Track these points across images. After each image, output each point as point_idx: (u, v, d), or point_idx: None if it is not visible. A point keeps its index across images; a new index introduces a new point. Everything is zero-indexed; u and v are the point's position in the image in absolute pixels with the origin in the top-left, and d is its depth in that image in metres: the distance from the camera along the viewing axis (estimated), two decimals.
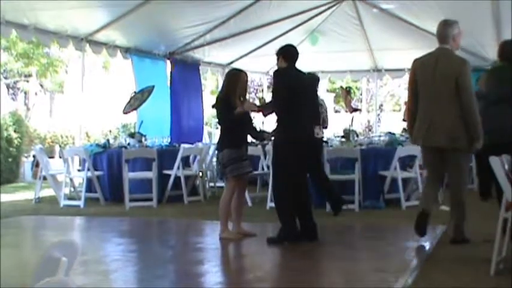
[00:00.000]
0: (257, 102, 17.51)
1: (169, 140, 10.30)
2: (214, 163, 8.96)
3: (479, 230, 5.75)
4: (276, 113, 5.64)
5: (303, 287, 4.39)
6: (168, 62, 11.50)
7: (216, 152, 5.99)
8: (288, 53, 5.71)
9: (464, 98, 5.13)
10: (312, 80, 6.63)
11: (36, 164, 11.10)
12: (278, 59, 5.74)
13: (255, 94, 22.40)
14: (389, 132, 10.50)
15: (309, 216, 5.63)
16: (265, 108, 6.00)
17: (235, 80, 5.83)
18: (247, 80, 5.95)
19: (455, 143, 5.20)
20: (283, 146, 5.59)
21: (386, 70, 13.79)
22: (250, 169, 5.94)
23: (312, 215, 5.65)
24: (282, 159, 5.61)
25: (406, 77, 14.79)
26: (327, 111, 7.79)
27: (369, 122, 20.43)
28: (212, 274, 4.97)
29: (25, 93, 21.46)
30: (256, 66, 13.87)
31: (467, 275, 4.37)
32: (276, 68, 5.89)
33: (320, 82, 7.77)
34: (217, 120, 6.14)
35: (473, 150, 5.34)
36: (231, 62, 13.03)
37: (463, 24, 5.66)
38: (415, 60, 5.49)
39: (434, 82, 5.24)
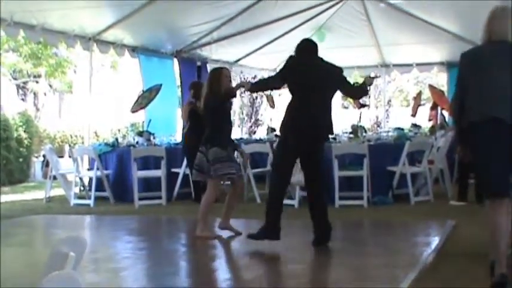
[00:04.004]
0: (264, 100, 17.51)
1: (177, 139, 10.33)
2: None
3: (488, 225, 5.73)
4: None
5: (311, 283, 4.40)
6: (175, 60, 11.53)
7: (202, 147, 5.85)
8: (296, 47, 5.55)
9: None
10: (331, 70, 5.58)
11: (46, 164, 11.18)
12: None
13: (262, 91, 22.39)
14: (398, 128, 10.50)
15: (324, 217, 5.36)
16: (256, 85, 5.81)
17: (218, 77, 5.85)
18: (230, 75, 5.98)
19: None
20: (285, 135, 5.36)
21: (395, 65, 13.76)
22: (237, 171, 5.84)
23: (327, 215, 5.39)
24: (282, 149, 5.41)
25: (415, 71, 14.80)
26: None
27: (377, 117, 20.40)
28: (221, 271, 4.99)
29: (34, 93, 21.59)
30: (263, 64, 13.89)
31: (477, 270, 4.35)
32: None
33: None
34: (206, 117, 6.04)
35: None
36: (238, 60, 13.05)
37: (472, 18, 5.58)
38: None
39: None
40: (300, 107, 5.31)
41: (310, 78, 5.37)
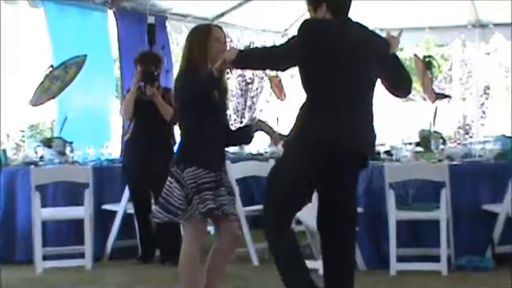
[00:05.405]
0: (267, 85, 17.62)
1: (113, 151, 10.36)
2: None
3: None
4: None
5: None
6: (111, 13, 11.59)
7: (173, 168, 5.88)
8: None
9: None
10: (372, 40, 5.74)
11: None
12: (315, 9, 5.63)
13: None
14: (503, 136, 10.51)
15: None
16: (245, 56, 5.68)
17: (203, 41, 5.87)
18: (223, 38, 5.98)
19: None
20: (288, 155, 5.56)
21: (496, 25, 13.80)
22: (229, 204, 5.86)
23: None
24: (283, 172, 5.58)
25: None
26: None
27: (464, 117, 20.46)
28: None
29: None
30: (259, 23, 13.94)
31: None
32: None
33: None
34: (179, 110, 6.08)
35: None
36: (220, 15, 13.10)
37: None
38: None
39: None
40: (321, 110, 5.41)
41: (343, 58, 5.43)
